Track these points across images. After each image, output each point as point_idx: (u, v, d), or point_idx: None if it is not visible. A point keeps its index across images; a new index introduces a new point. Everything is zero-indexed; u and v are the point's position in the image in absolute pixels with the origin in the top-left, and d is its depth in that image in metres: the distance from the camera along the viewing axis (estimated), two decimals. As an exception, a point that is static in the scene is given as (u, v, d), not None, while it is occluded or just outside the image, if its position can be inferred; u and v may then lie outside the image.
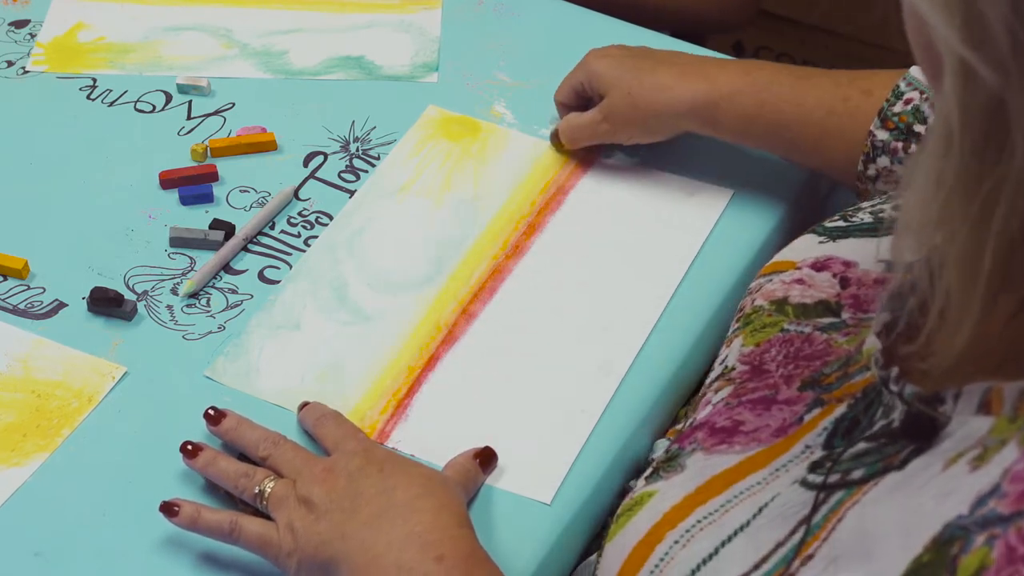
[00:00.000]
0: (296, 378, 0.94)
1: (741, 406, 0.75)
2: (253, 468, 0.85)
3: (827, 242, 0.83)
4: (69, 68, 1.17)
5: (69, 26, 1.21)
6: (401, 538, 0.77)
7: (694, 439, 0.76)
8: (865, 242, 0.81)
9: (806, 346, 0.76)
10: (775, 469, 0.70)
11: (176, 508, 0.82)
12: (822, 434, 0.69)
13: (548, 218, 1.05)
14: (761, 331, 0.79)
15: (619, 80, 1.04)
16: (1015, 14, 0.51)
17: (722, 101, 1.01)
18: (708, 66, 1.03)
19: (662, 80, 1.03)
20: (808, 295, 0.79)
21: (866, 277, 0.78)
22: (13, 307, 0.97)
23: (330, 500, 0.80)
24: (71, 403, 0.91)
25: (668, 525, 0.71)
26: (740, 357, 0.79)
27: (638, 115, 1.04)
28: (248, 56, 1.19)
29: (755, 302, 0.82)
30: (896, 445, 0.64)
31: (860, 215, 0.84)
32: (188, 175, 1.07)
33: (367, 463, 0.82)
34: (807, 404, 0.72)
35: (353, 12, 1.24)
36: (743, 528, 0.67)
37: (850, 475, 0.65)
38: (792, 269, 0.82)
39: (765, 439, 0.72)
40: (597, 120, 1.05)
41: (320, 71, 1.18)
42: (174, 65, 1.18)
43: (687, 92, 1.02)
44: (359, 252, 1.02)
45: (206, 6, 1.24)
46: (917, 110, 0.95)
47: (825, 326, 0.77)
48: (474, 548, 0.78)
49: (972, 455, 0.59)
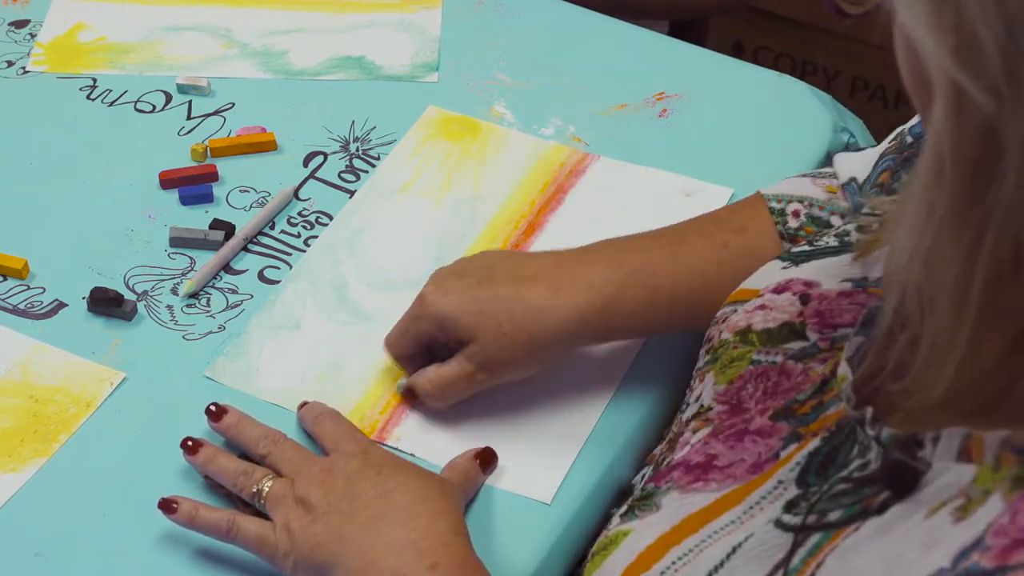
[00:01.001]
0: (296, 378, 0.94)
1: (716, 441, 0.75)
2: (252, 466, 0.85)
3: (790, 267, 0.82)
4: (69, 68, 1.17)
5: (69, 26, 1.21)
6: (397, 543, 0.77)
7: (670, 478, 0.75)
8: (827, 262, 0.80)
9: (784, 380, 0.75)
10: (748, 507, 0.69)
11: (174, 505, 0.82)
12: (794, 469, 0.69)
13: (548, 218, 1.05)
14: (731, 366, 0.78)
15: (482, 319, 0.87)
16: (1009, 37, 0.50)
17: (610, 305, 0.87)
18: (574, 271, 0.89)
19: (535, 303, 0.87)
20: (771, 319, 0.78)
21: (828, 293, 0.77)
22: (13, 307, 0.97)
23: (327, 502, 0.80)
24: (69, 408, 0.91)
25: (642, 567, 0.70)
26: (716, 396, 0.78)
27: (522, 352, 0.88)
28: (248, 56, 1.19)
29: (722, 335, 0.81)
30: (874, 487, 0.63)
31: (825, 239, 0.83)
32: (188, 175, 1.07)
33: (365, 465, 0.82)
34: (783, 438, 0.71)
35: (353, 12, 1.24)
36: (717, 569, 0.67)
37: (827, 517, 0.64)
38: (755, 297, 0.81)
39: (740, 475, 0.71)
40: (470, 372, 0.88)
41: (320, 71, 1.18)
42: (174, 65, 1.18)
43: (570, 309, 0.87)
44: (359, 252, 1.02)
45: (206, 6, 1.24)
46: (812, 217, 0.92)
47: (796, 353, 0.75)
48: (468, 557, 0.78)
49: (955, 505, 0.58)
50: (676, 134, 1.12)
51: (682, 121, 1.14)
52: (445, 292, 0.89)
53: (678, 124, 1.13)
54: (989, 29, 0.50)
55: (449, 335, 0.89)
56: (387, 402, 0.92)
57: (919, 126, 0.89)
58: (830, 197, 0.94)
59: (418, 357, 0.91)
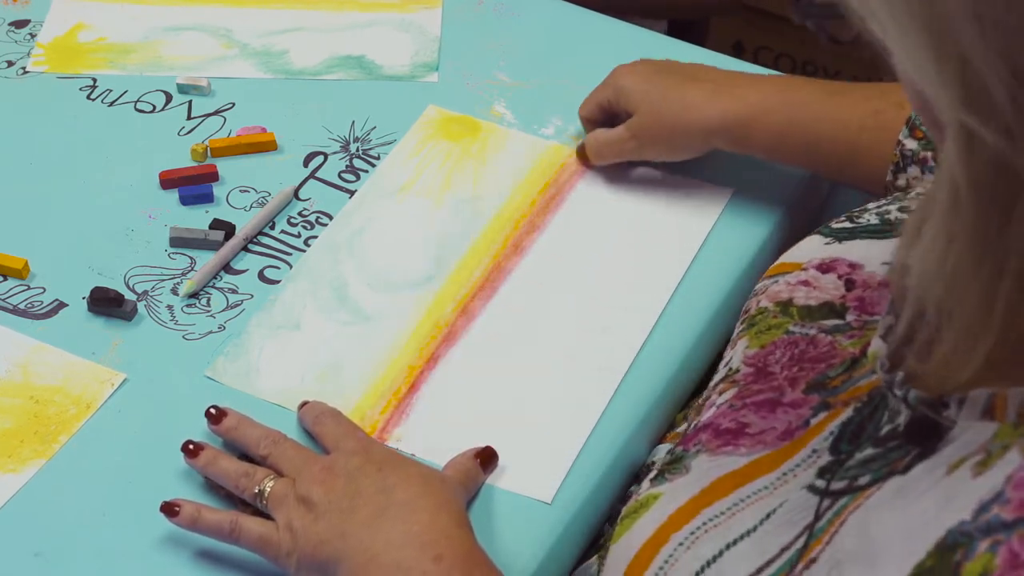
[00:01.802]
0: (296, 378, 0.94)
1: (746, 408, 0.75)
2: (253, 467, 0.85)
3: (833, 243, 0.83)
4: (69, 68, 1.17)
5: (69, 26, 1.21)
6: (400, 537, 0.77)
7: (698, 441, 0.76)
8: (871, 244, 0.81)
9: (811, 348, 0.76)
10: (783, 473, 0.70)
11: (177, 508, 0.82)
12: (828, 438, 0.69)
13: (548, 218, 1.05)
14: (766, 333, 0.79)
15: (647, 97, 1.03)
16: (1016, 79, 0.50)
17: (752, 120, 1.00)
18: (738, 83, 1.02)
19: (691, 98, 1.01)
20: (813, 296, 0.79)
21: (871, 279, 0.78)
22: (13, 307, 0.97)
23: (329, 500, 0.80)
24: (69, 409, 0.91)
25: (673, 527, 0.71)
26: (744, 359, 0.79)
27: (666, 133, 1.03)
28: (248, 56, 1.19)
29: (760, 303, 0.82)
30: (901, 450, 0.64)
31: (866, 216, 0.84)
32: (188, 175, 1.07)
33: (366, 462, 0.82)
34: (813, 407, 0.72)
35: (353, 11, 1.24)
36: (750, 532, 0.67)
37: (857, 481, 0.65)
38: (798, 270, 0.82)
39: (771, 442, 0.72)
40: (624, 138, 1.04)
41: (320, 71, 1.18)
42: (174, 65, 1.18)
43: (716, 111, 1.00)
44: (359, 252, 1.02)
45: (206, 6, 1.24)
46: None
47: (830, 328, 0.77)
48: (472, 548, 0.78)
49: (975, 460, 0.59)
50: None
51: (682, 121, 1.13)
52: (631, 71, 1.05)
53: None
54: (996, 75, 0.50)
55: (622, 105, 1.04)
56: (387, 402, 0.92)
57: None
58: None
59: (597, 123, 1.07)
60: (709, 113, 1.00)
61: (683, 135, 1.02)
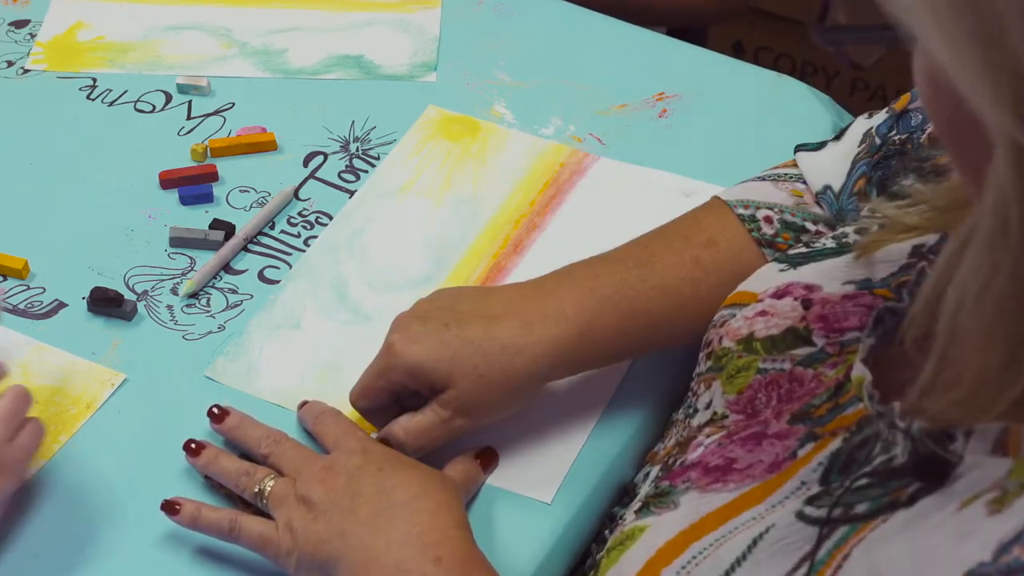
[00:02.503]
0: (296, 378, 0.94)
1: (732, 444, 0.75)
2: (254, 467, 0.85)
3: (788, 269, 0.81)
4: (68, 67, 1.17)
5: (68, 25, 1.21)
6: (399, 538, 0.77)
7: (687, 478, 0.75)
8: (826, 265, 0.79)
9: (797, 386, 0.75)
10: (771, 505, 0.69)
11: (177, 507, 0.82)
12: (817, 469, 0.68)
13: (548, 218, 1.05)
14: (737, 376, 0.78)
15: (456, 364, 0.84)
16: None
17: (584, 335, 0.85)
18: (544, 304, 0.86)
19: (507, 342, 0.84)
20: (773, 325, 0.78)
21: (830, 297, 0.77)
22: (13, 307, 0.97)
23: (329, 499, 0.80)
24: (69, 409, 0.91)
25: (663, 562, 0.70)
26: (728, 405, 0.78)
27: (498, 393, 0.85)
28: (247, 55, 1.19)
29: (722, 341, 0.81)
30: (902, 480, 0.63)
31: (823, 241, 0.83)
32: (188, 175, 1.07)
33: (366, 462, 0.82)
34: (799, 439, 0.71)
35: (352, 11, 1.24)
36: (740, 561, 0.67)
37: (853, 509, 0.64)
38: (754, 302, 0.81)
39: (759, 475, 0.71)
40: (446, 417, 0.85)
41: (319, 70, 1.18)
42: (174, 64, 1.18)
43: (544, 344, 0.84)
44: (359, 252, 1.02)
45: (205, 5, 1.24)
46: (784, 223, 0.91)
47: (804, 359, 0.75)
48: (471, 550, 0.78)
49: (989, 497, 0.58)
50: (676, 134, 1.12)
51: (682, 121, 1.14)
52: (413, 340, 0.84)
53: (678, 124, 1.13)
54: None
55: (422, 383, 0.85)
56: (387, 402, 0.92)
57: (885, 125, 0.89)
58: (798, 202, 0.92)
59: (388, 409, 0.88)
60: (538, 347, 0.84)
61: (519, 386, 0.85)
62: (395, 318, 0.87)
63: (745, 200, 0.92)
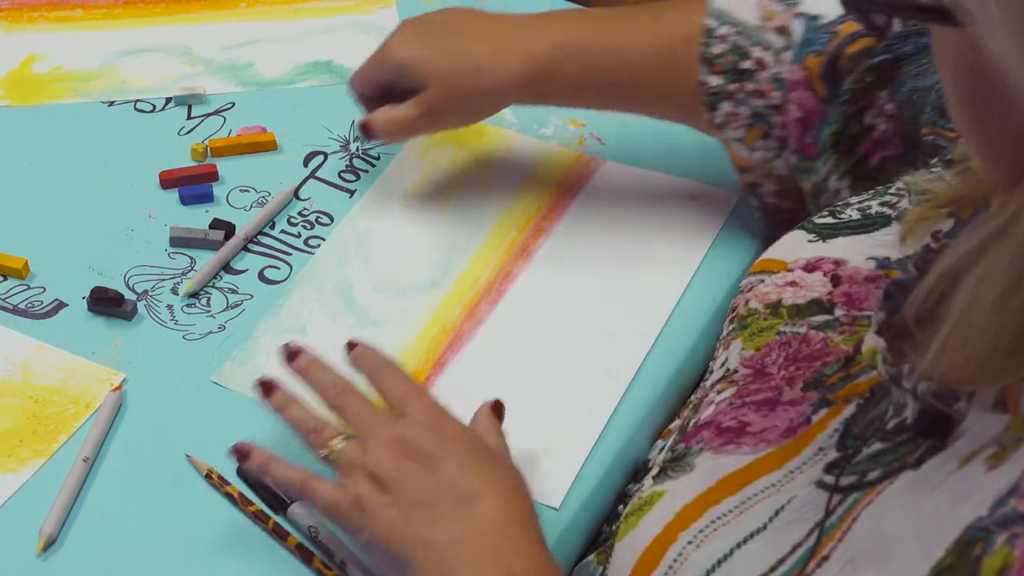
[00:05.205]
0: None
1: (746, 407, 0.75)
2: (323, 423, 0.81)
3: (816, 241, 0.82)
4: (32, 101, 1.14)
5: (22, 59, 1.18)
6: (488, 568, 0.75)
7: (700, 438, 0.76)
8: (853, 240, 0.81)
9: (804, 347, 0.76)
10: (789, 471, 0.69)
11: (247, 452, 0.81)
12: (833, 436, 0.69)
13: (553, 222, 1.05)
14: (759, 335, 0.79)
15: (435, 69, 0.98)
16: None
17: (547, 73, 0.97)
18: (524, 32, 0.98)
19: (482, 60, 0.97)
20: (801, 296, 0.79)
21: (856, 274, 0.78)
22: (13, 307, 0.97)
23: (403, 486, 0.77)
24: (68, 409, 0.91)
25: (681, 525, 0.70)
26: (742, 360, 0.79)
27: (462, 103, 0.99)
28: (214, 71, 1.18)
29: (749, 303, 0.82)
30: (911, 444, 0.64)
31: (848, 211, 0.83)
32: (188, 175, 1.07)
33: (443, 449, 0.78)
34: (812, 404, 0.72)
35: (308, 18, 1.23)
36: (760, 531, 0.67)
37: (867, 476, 0.65)
38: (783, 271, 0.82)
39: (774, 440, 0.72)
40: (417, 115, 0.99)
41: (292, 79, 1.17)
42: (141, 88, 1.15)
43: (509, 70, 0.97)
44: (365, 256, 1.02)
45: (157, 27, 1.22)
46: (736, 46, 0.95)
47: (819, 324, 0.77)
48: (553, 569, 0.76)
49: (988, 453, 0.59)
50: (680, 136, 1.11)
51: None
52: (404, 42, 0.99)
53: (682, 126, 1.13)
54: None
55: (405, 81, 0.98)
56: (391, 404, 0.92)
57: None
58: (761, 24, 0.94)
59: (377, 100, 1.01)
60: (504, 73, 0.97)
61: (481, 101, 0.99)
62: (402, 22, 1.01)
63: (721, 11, 0.96)
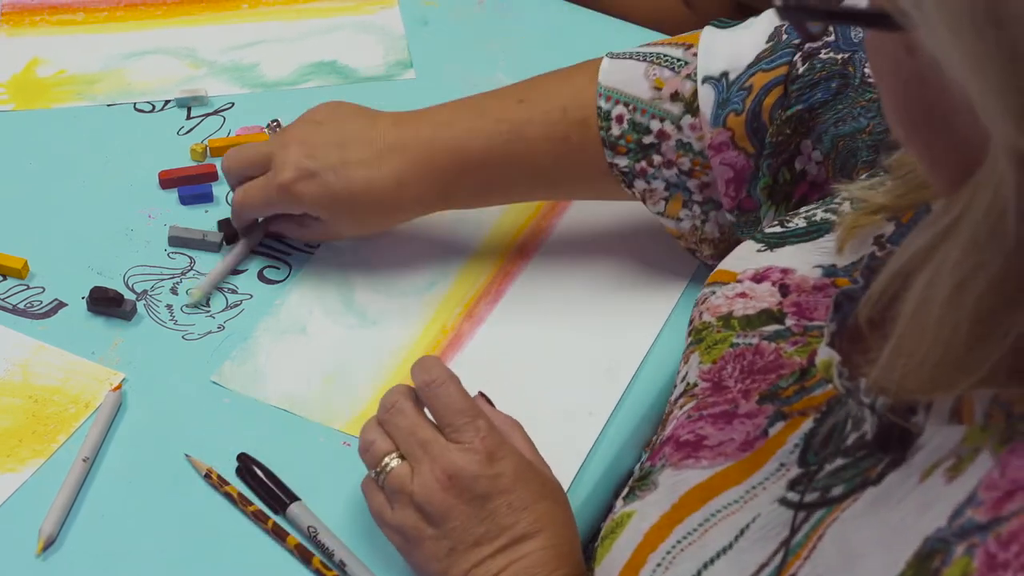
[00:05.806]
0: (303, 382, 0.93)
1: (702, 420, 0.75)
2: (371, 441, 0.80)
3: (765, 250, 0.82)
4: (36, 104, 1.14)
5: (25, 62, 1.18)
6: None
7: (663, 454, 0.76)
8: (799, 248, 0.80)
9: (758, 358, 0.76)
10: (751, 487, 0.69)
11: None
12: (794, 451, 0.69)
13: (553, 221, 1.05)
14: (714, 348, 0.79)
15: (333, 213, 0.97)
16: None
17: (444, 197, 0.97)
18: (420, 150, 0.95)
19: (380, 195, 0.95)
20: (751, 307, 0.79)
21: (804, 283, 0.78)
22: (13, 307, 0.97)
23: (451, 524, 0.77)
24: (68, 409, 0.91)
25: (650, 547, 0.70)
26: (700, 374, 0.79)
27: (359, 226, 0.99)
28: (218, 73, 1.17)
29: (703, 316, 0.82)
30: (872, 459, 0.63)
31: (796, 220, 0.83)
32: (188, 175, 1.07)
33: (493, 489, 0.78)
34: (768, 417, 0.72)
35: (310, 18, 1.23)
36: (726, 550, 0.67)
37: (830, 492, 0.64)
38: (733, 282, 0.81)
39: (732, 453, 0.72)
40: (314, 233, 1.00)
41: (297, 79, 1.17)
42: (146, 90, 1.15)
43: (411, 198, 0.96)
44: (364, 256, 1.02)
45: (160, 29, 1.21)
46: (633, 124, 0.93)
47: (771, 334, 0.76)
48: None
49: (947, 465, 0.59)
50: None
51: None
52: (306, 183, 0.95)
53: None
54: None
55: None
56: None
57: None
58: (654, 97, 0.93)
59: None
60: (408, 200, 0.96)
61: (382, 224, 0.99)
62: (287, 135, 0.97)
63: (613, 89, 0.94)
